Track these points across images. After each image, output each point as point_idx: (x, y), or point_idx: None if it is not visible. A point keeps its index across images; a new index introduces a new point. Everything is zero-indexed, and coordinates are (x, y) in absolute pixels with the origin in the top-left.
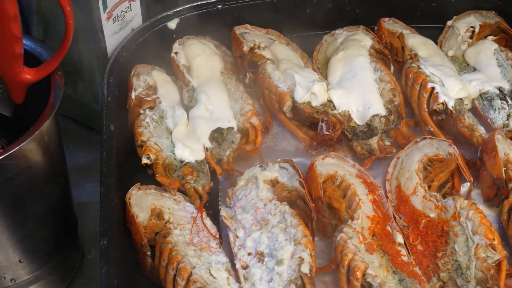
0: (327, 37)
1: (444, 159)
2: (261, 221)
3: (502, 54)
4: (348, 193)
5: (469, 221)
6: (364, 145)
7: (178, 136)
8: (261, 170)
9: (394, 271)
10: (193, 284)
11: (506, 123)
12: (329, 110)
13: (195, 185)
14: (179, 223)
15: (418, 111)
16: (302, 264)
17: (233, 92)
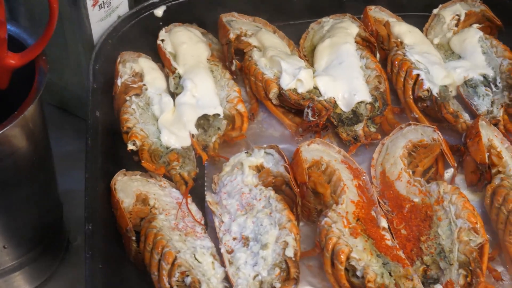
0: (314, 25)
1: (428, 144)
2: (246, 206)
3: (487, 42)
4: (333, 179)
5: (452, 205)
6: (350, 131)
7: (164, 123)
8: (246, 156)
9: (378, 254)
10: (177, 268)
11: (490, 110)
12: (315, 96)
13: (180, 171)
14: (164, 209)
15: (403, 98)
16: (286, 248)
17: (220, 79)
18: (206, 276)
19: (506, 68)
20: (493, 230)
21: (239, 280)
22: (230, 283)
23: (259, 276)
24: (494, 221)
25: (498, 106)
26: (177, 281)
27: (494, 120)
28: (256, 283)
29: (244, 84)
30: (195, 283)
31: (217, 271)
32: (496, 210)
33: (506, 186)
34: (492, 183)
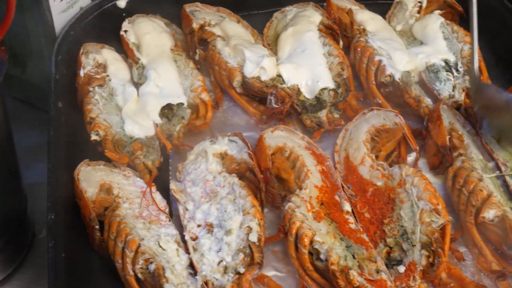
0: (278, 14)
1: (391, 129)
2: (210, 193)
3: (448, 28)
4: (297, 164)
5: (414, 187)
6: (314, 118)
7: (128, 113)
8: (210, 144)
9: (342, 238)
10: (141, 256)
11: (452, 94)
12: (278, 84)
13: (144, 160)
14: (128, 197)
15: (366, 84)
16: (250, 233)
17: (183, 69)
18: (171, 263)
19: (467, 53)
20: (455, 212)
21: (203, 266)
22: (194, 269)
23: (223, 262)
24: (456, 202)
25: (460, 91)
26: (141, 268)
27: (455, 104)
28: (221, 269)
29: (208, 73)
30: (159, 270)
31: (181, 258)
32: (457, 192)
33: (467, 168)
34: (453, 165)
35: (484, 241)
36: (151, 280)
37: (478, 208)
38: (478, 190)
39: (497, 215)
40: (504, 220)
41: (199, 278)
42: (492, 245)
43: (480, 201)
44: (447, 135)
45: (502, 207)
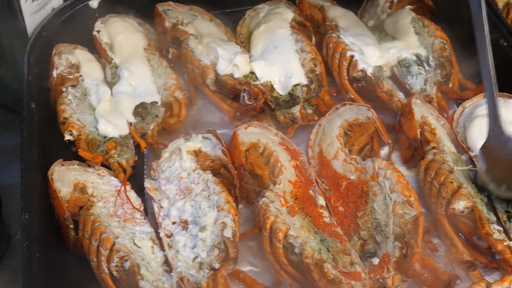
0: (250, 12)
1: (363, 123)
2: (184, 190)
3: (419, 22)
4: (271, 160)
5: (386, 180)
6: (287, 114)
7: (101, 112)
8: (184, 141)
9: (316, 231)
10: (116, 253)
11: (424, 88)
12: (251, 81)
13: (119, 159)
14: (102, 196)
15: (339, 79)
16: (225, 229)
17: (157, 68)
18: (146, 260)
19: (438, 47)
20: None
21: (178, 262)
22: (170, 266)
23: (198, 258)
24: (428, 195)
25: (431, 84)
26: (116, 266)
27: (428, 98)
28: (196, 265)
29: (182, 72)
30: (133, 267)
31: (156, 255)
32: (429, 184)
33: (438, 160)
34: (425, 158)
35: (455, 232)
36: (127, 277)
37: (449, 199)
38: (449, 182)
39: (467, 206)
40: (473, 211)
41: (174, 274)
42: (463, 236)
43: (450, 193)
44: (419, 129)
45: (472, 198)
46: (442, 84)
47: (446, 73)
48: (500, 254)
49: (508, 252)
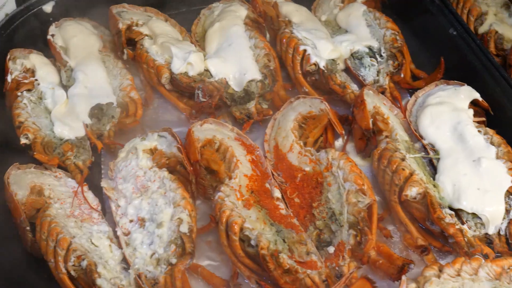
0: (205, 11)
1: (317, 115)
2: (141, 188)
3: (371, 15)
4: (227, 155)
5: (340, 170)
6: (243, 109)
7: (57, 115)
8: (140, 140)
9: (272, 223)
10: (73, 253)
11: (377, 79)
12: (206, 78)
13: (75, 160)
14: (59, 198)
15: (293, 74)
16: (181, 224)
17: (112, 69)
18: (103, 259)
19: (389, 38)
20: (382, 192)
21: (136, 259)
22: (128, 263)
23: (155, 254)
24: (381, 183)
25: (384, 75)
26: (74, 265)
27: (381, 88)
28: (153, 261)
29: (138, 72)
30: (91, 266)
31: (114, 253)
32: (382, 172)
33: (391, 149)
34: (378, 147)
35: (409, 219)
36: (84, 276)
37: (401, 186)
38: (401, 170)
39: (419, 192)
40: (426, 197)
41: (132, 271)
42: (417, 221)
43: (402, 180)
44: (371, 119)
45: (424, 184)
46: (394, 75)
47: (398, 64)
48: (452, 238)
49: (460, 235)
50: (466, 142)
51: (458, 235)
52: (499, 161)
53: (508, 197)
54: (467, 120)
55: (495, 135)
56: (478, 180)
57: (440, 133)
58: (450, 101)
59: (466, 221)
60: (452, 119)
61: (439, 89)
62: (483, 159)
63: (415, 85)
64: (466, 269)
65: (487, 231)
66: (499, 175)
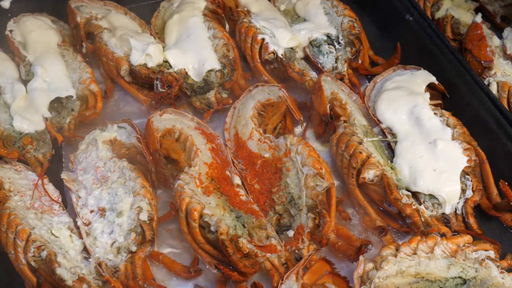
0: (164, 3)
1: (275, 102)
2: (101, 179)
3: (328, 3)
4: (187, 144)
5: (298, 155)
6: (203, 99)
7: (16, 109)
8: (100, 132)
9: (232, 209)
10: (32, 244)
11: (335, 66)
12: (165, 69)
13: (35, 153)
14: (19, 191)
15: (252, 62)
16: (140, 213)
17: (71, 63)
18: (64, 249)
19: (347, 25)
20: (341, 176)
21: (96, 249)
22: (89, 253)
23: (116, 243)
24: (340, 167)
25: (342, 62)
26: (34, 256)
27: (339, 75)
28: (114, 250)
29: (98, 66)
30: (50, 256)
31: (75, 243)
32: (340, 156)
33: (348, 133)
34: (336, 132)
35: (368, 201)
36: (44, 266)
37: (359, 169)
38: (358, 153)
39: (376, 174)
40: (383, 179)
41: (92, 260)
42: (376, 204)
43: (360, 163)
44: (328, 104)
45: (381, 167)
46: (352, 61)
47: (356, 50)
48: (409, 218)
49: (417, 215)
50: (422, 125)
51: (414, 215)
52: (454, 142)
53: (464, 176)
54: (423, 103)
55: (450, 117)
56: (434, 161)
57: (397, 117)
58: (407, 85)
59: (424, 202)
60: (409, 103)
61: (396, 74)
62: (439, 140)
63: (373, 71)
64: (422, 248)
65: (444, 211)
66: (455, 156)
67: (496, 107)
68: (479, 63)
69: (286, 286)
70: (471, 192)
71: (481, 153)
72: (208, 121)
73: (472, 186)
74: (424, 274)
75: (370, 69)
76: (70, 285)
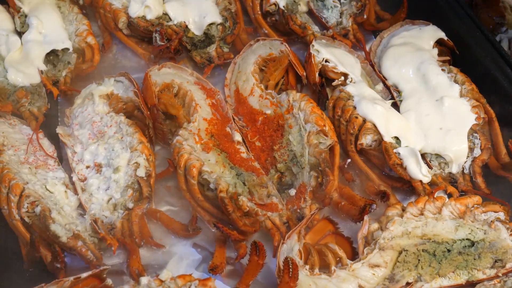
0: None
1: (277, 57)
2: (97, 134)
3: None
4: (186, 100)
5: (301, 111)
6: (203, 54)
7: (11, 62)
8: (97, 86)
9: (232, 166)
10: (26, 199)
11: (340, 21)
12: (164, 22)
13: (30, 107)
14: (13, 145)
15: (253, 14)
16: (138, 169)
17: (68, 14)
18: (59, 205)
19: None
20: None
21: (92, 205)
22: (84, 209)
23: (112, 199)
24: (338, 133)
25: (347, 17)
26: (27, 211)
27: (344, 30)
28: (110, 206)
29: (96, 18)
30: (44, 212)
31: (70, 199)
32: (337, 122)
33: (343, 97)
34: (332, 96)
35: (370, 167)
36: (38, 222)
37: (356, 135)
38: (354, 118)
39: (374, 139)
40: (381, 143)
41: (88, 217)
42: (377, 168)
43: (357, 128)
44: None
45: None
46: (358, 16)
47: (362, 5)
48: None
49: (417, 180)
50: (429, 82)
51: (415, 180)
52: (462, 99)
53: (472, 135)
54: (430, 59)
55: (459, 73)
56: (440, 119)
57: (403, 73)
58: (414, 41)
59: (430, 161)
60: (416, 59)
61: (404, 29)
62: (446, 97)
63: (379, 27)
64: (429, 208)
65: (451, 170)
66: (462, 114)
67: (508, 64)
68: (490, 19)
69: (288, 246)
70: (479, 151)
71: (490, 110)
72: (209, 76)
73: (480, 145)
74: (431, 236)
75: (376, 25)
76: (64, 241)
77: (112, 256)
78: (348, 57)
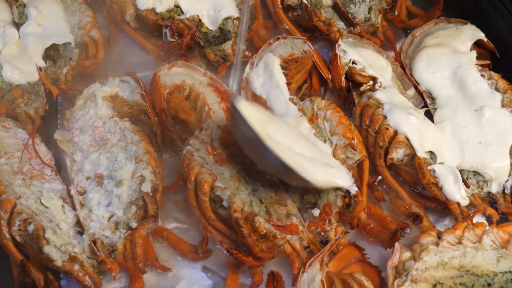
0: None
1: (299, 58)
2: (99, 141)
3: None
4: (198, 103)
5: (327, 121)
6: (218, 51)
7: (6, 57)
8: (100, 86)
9: (248, 181)
10: (17, 216)
11: (368, 17)
12: (175, 15)
13: (26, 108)
14: (6, 152)
15: (273, 8)
16: (143, 183)
17: (70, 5)
18: (54, 222)
19: None
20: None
21: (91, 223)
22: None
23: (114, 217)
24: (365, 145)
25: (376, 13)
26: (19, 230)
27: (372, 28)
28: (111, 225)
29: (101, 9)
30: (38, 231)
31: (67, 215)
32: (365, 133)
33: (372, 105)
34: (360, 102)
35: (400, 183)
36: (31, 242)
37: (386, 148)
38: (384, 129)
39: (406, 153)
40: (413, 158)
41: (86, 237)
42: (409, 185)
43: (387, 141)
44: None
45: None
46: (388, 12)
47: (392, 0)
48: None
49: (454, 202)
50: (467, 89)
51: (452, 203)
52: (504, 109)
53: None
54: (468, 63)
55: (500, 80)
56: (480, 132)
57: (438, 78)
58: (450, 42)
59: (467, 178)
60: (452, 62)
61: (439, 28)
62: (486, 108)
63: (411, 24)
64: (468, 236)
65: (490, 189)
66: (504, 126)
67: None
68: None
69: (309, 275)
70: None
71: None
72: (223, 76)
73: None
74: (469, 267)
75: (407, 22)
76: (59, 265)
77: (113, 280)
78: (378, 59)
